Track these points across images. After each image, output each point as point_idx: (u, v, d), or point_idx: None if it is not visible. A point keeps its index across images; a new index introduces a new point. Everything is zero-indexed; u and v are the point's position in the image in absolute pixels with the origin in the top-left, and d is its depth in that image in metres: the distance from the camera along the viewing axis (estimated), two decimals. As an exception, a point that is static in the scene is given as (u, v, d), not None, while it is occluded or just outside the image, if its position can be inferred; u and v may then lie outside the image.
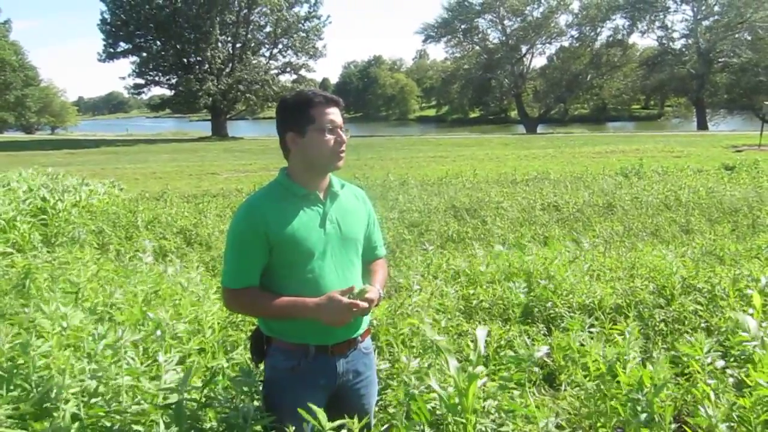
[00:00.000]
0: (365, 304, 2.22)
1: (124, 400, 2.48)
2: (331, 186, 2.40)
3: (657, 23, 56.95)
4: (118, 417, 2.42)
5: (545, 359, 4.05)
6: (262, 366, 2.46)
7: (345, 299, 2.19)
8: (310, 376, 2.32)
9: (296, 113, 2.31)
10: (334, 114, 2.30)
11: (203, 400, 2.53)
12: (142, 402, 2.50)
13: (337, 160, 2.33)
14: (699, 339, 3.00)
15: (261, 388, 2.46)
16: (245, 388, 2.47)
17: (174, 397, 2.43)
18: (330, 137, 2.29)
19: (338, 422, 2.14)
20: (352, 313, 2.21)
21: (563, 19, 61.29)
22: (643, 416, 2.62)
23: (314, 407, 2.13)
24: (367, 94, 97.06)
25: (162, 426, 2.21)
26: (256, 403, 2.48)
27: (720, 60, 54.61)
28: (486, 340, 4.01)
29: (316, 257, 2.30)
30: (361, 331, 2.44)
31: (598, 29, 59.54)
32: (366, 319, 2.47)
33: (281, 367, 2.33)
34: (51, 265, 5.22)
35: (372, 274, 2.53)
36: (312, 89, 2.39)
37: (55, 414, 2.40)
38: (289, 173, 2.38)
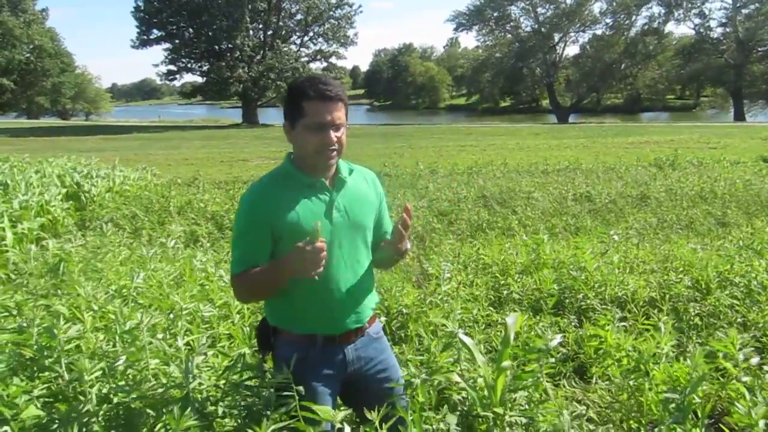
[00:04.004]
0: (322, 244, 2.05)
1: (149, 384, 2.50)
2: (338, 172, 2.28)
3: (694, 11, 55.83)
4: (140, 401, 2.44)
5: (576, 350, 4.01)
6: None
7: (307, 245, 2.03)
8: (318, 365, 2.27)
9: (291, 103, 2.19)
10: (328, 111, 2.13)
11: (226, 387, 2.53)
12: (163, 386, 2.52)
13: (324, 160, 2.20)
14: (732, 335, 2.91)
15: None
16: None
17: (183, 384, 2.43)
18: (315, 136, 2.15)
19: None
20: (320, 256, 2.05)
21: (597, 7, 60.63)
22: (678, 415, 2.55)
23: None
24: (397, 82, 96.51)
25: (176, 411, 2.20)
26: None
27: (759, 49, 53.34)
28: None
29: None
30: (366, 318, 2.37)
31: (633, 17, 58.68)
32: (370, 306, 2.38)
33: (289, 358, 2.23)
34: (84, 249, 5.29)
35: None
36: (318, 77, 2.20)
37: (81, 398, 2.42)
38: (294, 160, 2.30)
